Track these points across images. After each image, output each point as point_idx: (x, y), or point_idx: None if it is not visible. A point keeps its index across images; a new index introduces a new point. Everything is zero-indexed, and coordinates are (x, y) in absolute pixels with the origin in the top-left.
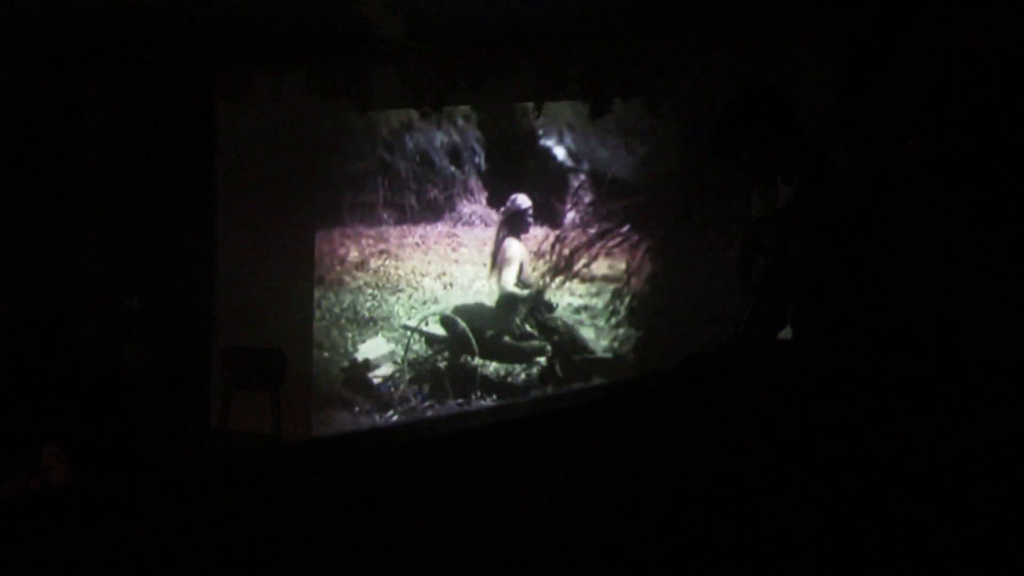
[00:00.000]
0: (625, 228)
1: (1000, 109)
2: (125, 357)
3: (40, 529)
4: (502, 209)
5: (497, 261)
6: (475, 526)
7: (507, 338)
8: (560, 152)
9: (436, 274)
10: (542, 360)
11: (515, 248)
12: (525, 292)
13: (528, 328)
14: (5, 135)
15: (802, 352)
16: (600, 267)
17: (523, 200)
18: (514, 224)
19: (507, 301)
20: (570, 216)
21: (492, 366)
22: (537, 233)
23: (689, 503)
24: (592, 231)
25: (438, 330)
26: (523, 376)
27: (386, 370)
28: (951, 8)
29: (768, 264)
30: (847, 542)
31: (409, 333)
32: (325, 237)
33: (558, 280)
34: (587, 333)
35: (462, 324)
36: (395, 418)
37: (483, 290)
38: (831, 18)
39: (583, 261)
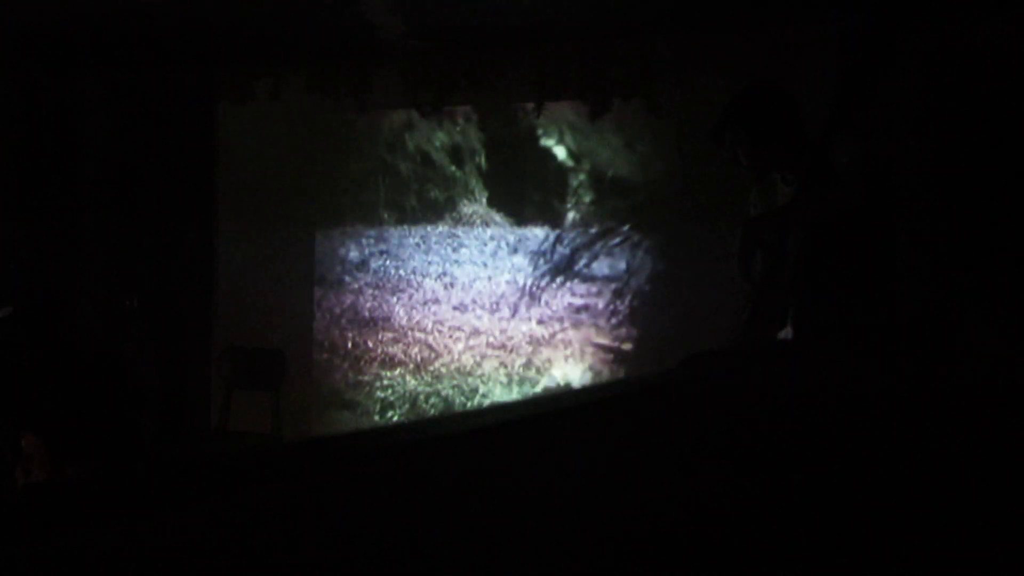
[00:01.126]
0: (625, 228)
1: (1000, 109)
2: (126, 356)
3: (40, 529)
4: None
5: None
6: (475, 526)
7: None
8: (560, 152)
9: (437, 274)
10: None
11: None
12: None
13: None
14: (5, 135)
15: (802, 352)
16: (600, 267)
17: None
18: None
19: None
20: (570, 216)
21: None
22: (537, 233)
23: (689, 503)
24: (592, 231)
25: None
26: None
27: None
28: (951, 8)
29: (767, 263)
30: (847, 545)
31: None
32: (325, 237)
33: (558, 280)
34: (588, 333)
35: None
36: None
37: (484, 291)
38: (831, 18)
39: (583, 261)
